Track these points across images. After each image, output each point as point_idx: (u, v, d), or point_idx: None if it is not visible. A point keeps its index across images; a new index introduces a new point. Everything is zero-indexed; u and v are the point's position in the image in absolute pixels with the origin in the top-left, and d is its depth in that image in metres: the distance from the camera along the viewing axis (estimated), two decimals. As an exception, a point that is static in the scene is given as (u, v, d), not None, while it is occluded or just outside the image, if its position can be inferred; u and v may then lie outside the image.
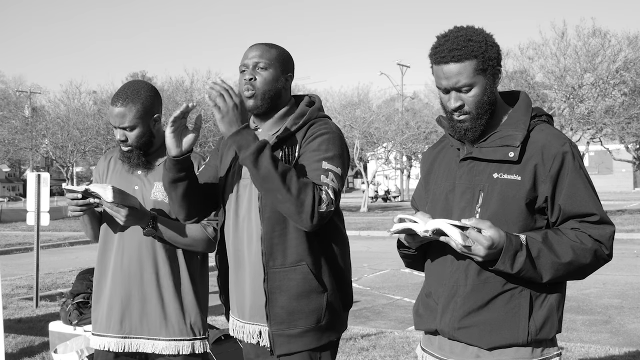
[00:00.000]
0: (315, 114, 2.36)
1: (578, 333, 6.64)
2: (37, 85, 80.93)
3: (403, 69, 47.41)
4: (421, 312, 2.16)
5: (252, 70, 2.32)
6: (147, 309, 2.70)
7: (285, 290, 2.25)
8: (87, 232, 2.88)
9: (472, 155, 2.04)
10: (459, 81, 1.95)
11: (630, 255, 12.97)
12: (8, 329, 6.52)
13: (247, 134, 2.15)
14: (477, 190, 2.00)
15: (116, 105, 2.66)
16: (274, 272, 2.25)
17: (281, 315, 2.25)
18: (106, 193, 2.51)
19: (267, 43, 2.39)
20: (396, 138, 31.47)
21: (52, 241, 18.33)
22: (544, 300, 1.97)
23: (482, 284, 1.96)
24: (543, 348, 1.99)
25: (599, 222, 1.96)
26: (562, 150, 1.96)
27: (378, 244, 15.47)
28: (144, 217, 2.62)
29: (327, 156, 2.25)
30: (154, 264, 2.69)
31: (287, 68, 2.39)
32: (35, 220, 7.93)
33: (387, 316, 7.69)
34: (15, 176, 72.14)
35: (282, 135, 2.29)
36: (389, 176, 48.73)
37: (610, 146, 28.99)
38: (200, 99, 31.39)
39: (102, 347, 2.76)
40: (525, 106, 2.07)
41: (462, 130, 2.02)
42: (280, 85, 2.35)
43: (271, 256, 2.25)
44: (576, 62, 21.12)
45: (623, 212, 24.17)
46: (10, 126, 32.56)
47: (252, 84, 2.31)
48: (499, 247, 1.86)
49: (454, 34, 1.98)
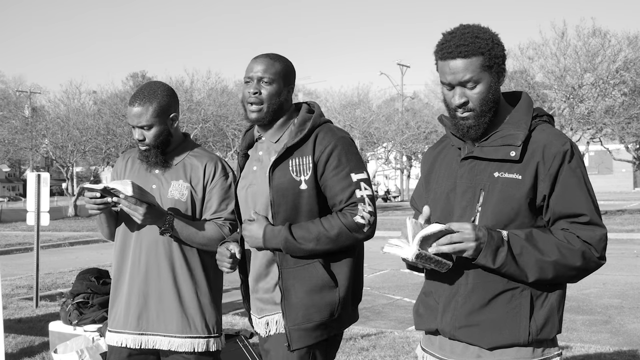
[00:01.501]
0: (319, 121, 2.46)
1: (578, 333, 6.64)
2: (37, 85, 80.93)
3: (403, 69, 47.42)
4: (421, 312, 2.16)
5: (257, 84, 2.44)
6: (164, 307, 2.74)
7: (299, 286, 2.35)
8: (103, 231, 2.92)
9: (473, 154, 2.04)
10: (465, 76, 1.96)
11: (630, 255, 12.97)
12: (8, 329, 6.51)
13: (277, 232, 2.35)
14: (478, 190, 2.00)
15: (134, 105, 2.74)
16: (287, 271, 2.37)
17: (297, 311, 2.35)
18: (126, 188, 2.56)
19: (271, 55, 2.50)
20: (396, 138, 31.49)
21: (52, 241, 18.34)
22: (545, 300, 1.97)
23: (483, 283, 1.96)
24: (544, 348, 1.99)
25: (589, 223, 1.95)
26: (563, 149, 1.95)
27: (378, 244, 15.40)
28: (161, 216, 2.67)
29: (351, 167, 2.39)
30: (171, 262, 2.74)
31: (289, 80, 2.51)
32: (35, 220, 7.93)
33: (387, 316, 7.69)
34: (15, 176, 72.16)
35: (290, 144, 2.40)
36: (389, 176, 48.74)
37: (610, 146, 28.99)
38: (200, 98, 31.42)
39: (118, 344, 2.79)
40: (527, 106, 2.07)
41: (464, 128, 2.02)
42: (283, 97, 2.47)
43: (285, 257, 2.37)
44: (576, 62, 21.12)
45: (623, 212, 24.18)
46: (10, 126, 32.56)
47: (257, 97, 2.43)
48: (484, 239, 1.88)
49: (461, 31, 1.99)
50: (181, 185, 2.77)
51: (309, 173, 2.37)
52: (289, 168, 2.38)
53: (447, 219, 2.05)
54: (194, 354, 2.74)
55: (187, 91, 31.25)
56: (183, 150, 2.85)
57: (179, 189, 2.77)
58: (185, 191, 2.77)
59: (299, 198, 2.37)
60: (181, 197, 2.76)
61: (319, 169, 2.38)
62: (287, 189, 2.37)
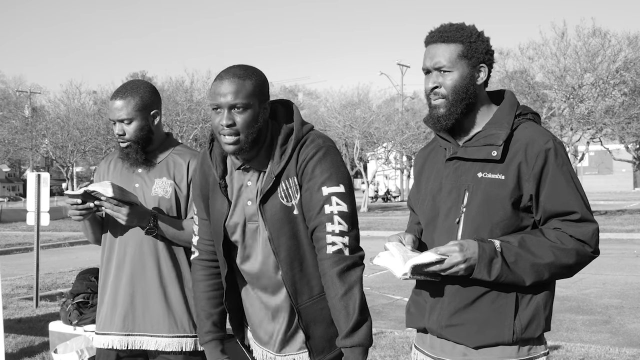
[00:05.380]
0: (301, 134, 2.16)
1: (578, 333, 6.63)
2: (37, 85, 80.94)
3: (403, 69, 47.42)
4: (412, 311, 2.19)
5: (229, 114, 2.07)
6: (150, 306, 2.70)
7: (319, 320, 2.21)
8: (89, 236, 2.89)
9: (457, 155, 2.05)
10: (440, 62, 2.00)
11: (630, 255, 12.96)
12: (8, 329, 6.51)
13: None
14: (462, 190, 2.01)
15: (115, 99, 2.70)
16: (305, 307, 2.19)
17: (321, 344, 2.23)
18: (106, 190, 2.53)
19: (239, 73, 2.10)
20: (396, 138, 31.47)
21: (52, 241, 18.34)
22: (531, 299, 1.97)
23: (468, 283, 1.97)
24: (530, 347, 1.99)
25: (580, 220, 1.95)
26: (545, 147, 1.95)
27: (378, 244, 15.43)
28: (145, 216, 2.63)
29: (324, 179, 2.11)
30: (156, 261, 2.71)
31: (264, 96, 2.15)
32: (35, 220, 7.93)
33: (387, 316, 7.70)
34: (15, 176, 72.14)
35: (277, 172, 2.13)
36: (389, 176, 48.72)
37: (610, 146, 28.98)
38: (200, 98, 31.42)
39: (105, 346, 2.75)
40: (510, 105, 2.07)
41: (435, 117, 2.03)
42: (261, 120, 2.12)
43: (297, 294, 2.17)
44: (576, 62, 21.12)
45: (623, 212, 24.17)
46: (10, 126, 32.59)
47: (233, 129, 2.07)
48: (475, 255, 1.87)
49: (450, 23, 2.07)
50: (165, 183, 2.74)
51: (298, 196, 2.13)
52: (278, 196, 2.13)
53: (434, 220, 2.08)
54: (182, 353, 2.70)
55: (187, 91, 31.27)
56: (166, 148, 2.81)
57: (162, 187, 2.73)
58: (169, 188, 2.73)
59: (295, 225, 2.14)
60: (165, 195, 2.72)
61: (299, 184, 2.14)
62: (283, 220, 2.13)
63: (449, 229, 2.03)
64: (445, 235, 2.03)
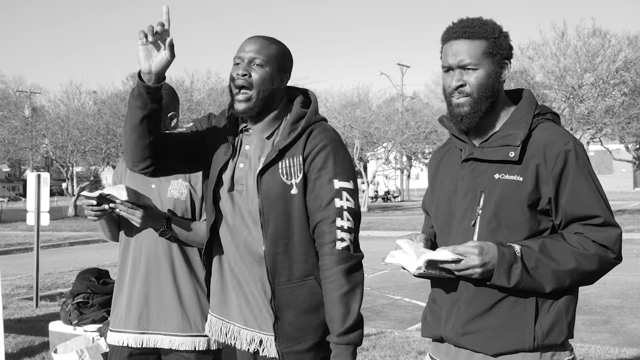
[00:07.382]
0: (313, 119, 2.22)
1: (578, 333, 6.62)
2: (37, 85, 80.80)
3: (403, 69, 47.43)
4: (428, 319, 2.10)
5: (247, 66, 2.17)
6: (165, 306, 2.74)
7: (293, 306, 2.17)
8: (106, 234, 2.95)
9: (473, 156, 1.99)
10: (465, 59, 1.92)
11: (631, 255, 12.96)
12: (8, 329, 6.52)
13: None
14: (478, 192, 1.94)
15: None
16: (280, 289, 2.17)
17: (290, 332, 2.17)
18: (121, 193, 2.55)
19: (267, 37, 2.23)
20: (396, 138, 31.49)
21: (52, 241, 18.34)
22: (552, 304, 1.90)
23: (485, 288, 1.89)
24: (553, 353, 1.91)
25: (603, 224, 1.88)
26: (565, 149, 1.88)
27: (378, 244, 15.45)
28: (158, 218, 2.66)
29: (337, 172, 2.15)
30: (170, 261, 2.74)
31: (285, 67, 2.24)
32: (35, 220, 7.93)
33: (387, 316, 7.69)
34: (15, 176, 72.15)
35: (282, 146, 2.17)
36: (389, 176, 48.73)
37: (610, 146, 28.99)
38: (200, 98, 31.42)
39: (119, 343, 2.79)
40: (528, 104, 2.00)
41: (459, 116, 1.96)
42: (275, 85, 2.20)
43: (276, 273, 2.16)
44: (576, 62, 21.12)
45: (623, 212, 24.18)
46: (10, 126, 32.55)
47: (246, 80, 2.16)
48: (494, 260, 1.81)
49: (469, 18, 1.99)
50: (180, 185, 2.76)
51: (300, 175, 2.15)
52: (278, 171, 2.15)
53: (449, 222, 2.01)
54: (195, 352, 2.74)
55: (187, 91, 31.25)
56: None
57: (178, 188, 2.76)
58: (184, 190, 2.76)
59: (290, 204, 2.14)
60: (180, 196, 2.75)
61: (305, 169, 2.15)
62: (278, 195, 2.14)
63: (464, 232, 1.96)
64: (460, 237, 1.95)
